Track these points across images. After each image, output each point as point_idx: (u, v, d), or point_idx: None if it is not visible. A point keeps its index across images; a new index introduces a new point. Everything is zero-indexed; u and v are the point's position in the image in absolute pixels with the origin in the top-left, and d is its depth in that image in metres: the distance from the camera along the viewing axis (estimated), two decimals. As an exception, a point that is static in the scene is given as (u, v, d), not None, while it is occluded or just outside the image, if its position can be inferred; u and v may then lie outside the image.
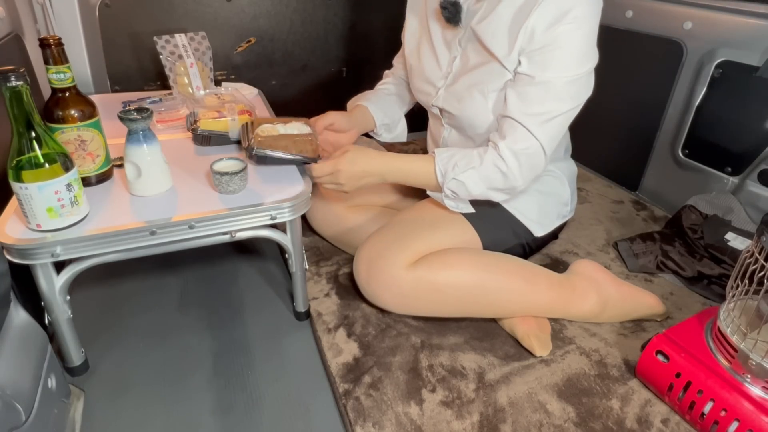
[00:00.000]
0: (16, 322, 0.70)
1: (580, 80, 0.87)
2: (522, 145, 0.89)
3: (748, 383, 0.76)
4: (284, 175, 0.96)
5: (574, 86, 0.87)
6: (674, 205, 1.42)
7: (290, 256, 0.97)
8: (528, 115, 0.88)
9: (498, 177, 0.91)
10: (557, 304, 1.00)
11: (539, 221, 1.08)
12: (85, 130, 0.86)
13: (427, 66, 1.06)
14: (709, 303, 1.12)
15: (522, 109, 0.88)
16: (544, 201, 1.09)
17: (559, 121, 0.89)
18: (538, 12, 0.84)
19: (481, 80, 0.94)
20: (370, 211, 1.20)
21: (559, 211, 1.12)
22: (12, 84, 0.68)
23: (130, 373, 0.93)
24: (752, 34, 1.24)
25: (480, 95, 0.94)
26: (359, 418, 0.82)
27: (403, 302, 0.97)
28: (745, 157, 1.29)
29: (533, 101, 0.87)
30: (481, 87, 0.94)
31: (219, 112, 1.10)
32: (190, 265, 1.21)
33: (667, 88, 1.45)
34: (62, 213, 0.76)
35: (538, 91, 0.87)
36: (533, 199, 1.07)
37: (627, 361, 0.95)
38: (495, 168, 0.90)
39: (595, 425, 0.83)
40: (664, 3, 1.43)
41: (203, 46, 1.35)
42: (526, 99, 0.88)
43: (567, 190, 1.12)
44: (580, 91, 0.89)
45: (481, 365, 0.94)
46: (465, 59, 0.98)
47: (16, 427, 0.60)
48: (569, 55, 0.85)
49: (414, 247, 0.95)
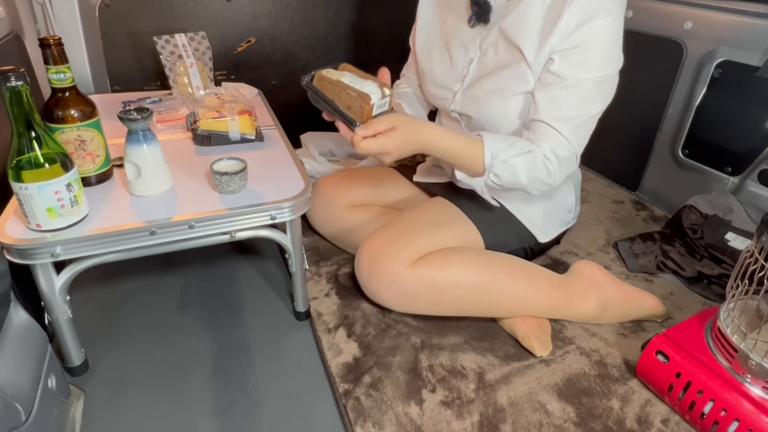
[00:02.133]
0: (16, 322, 0.70)
1: (608, 81, 0.88)
2: (563, 152, 0.89)
3: (748, 383, 0.76)
4: (284, 175, 0.96)
5: (603, 87, 0.88)
6: (674, 205, 1.42)
7: (290, 256, 0.97)
8: (561, 120, 0.88)
9: (544, 173, 0.90)
10: (558, 305, 1.00)
11: (543, 228, 1.09)
12: (85, 130, 0.86)
13: (439, 69, 1.05)
14: (709, 303, 1.12)
15: (554, 113, 0.89)
16: (550, 207, 1.09)
17: (590, 124, 0.91)
18: (570, 10, 0.84)
19: (502, 85, 0.94)
20: (370, 211, 1.20)
21: (563, 218, 1.13)
22: (12, 84, 0.68)
23: (130, 373, 0.93)
24: (752, 34, 1.24)
25: (500, 99, 0.94)
26: (359, 418, 0.82)
27: (405, 300, 0.97)
28: (745, 157, 1.29)
29: (565, 105, 0.88)
30: (501, 92, 0.94)
31: (219, 112, 1.10)
32: (190, 265, 1.21)
33: (667, 88, 1.45)
34: (62, 213, 0.76)
35: (570, 95, 0.87)
36: (539, 205, 1.07)
37: (627, 361, 0.95)
38: (544, 163, 0.90)
39: (595, 425, 0.83)
40: (664, 3, 1.43)
41: (203, 46, 1.35)
42: (558, 102, 0.88)
43: (572, 197, 1.13)
44: (607, 91, 0.90)
45: (481, 365, 0.93)
46: (484, 62, 0.98)
47: (16, 427, 0.60)
48: (601, 55, 0.86)
49: (416, 246, 0.95)
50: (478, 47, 0.99)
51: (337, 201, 1.20)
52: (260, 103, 1.38)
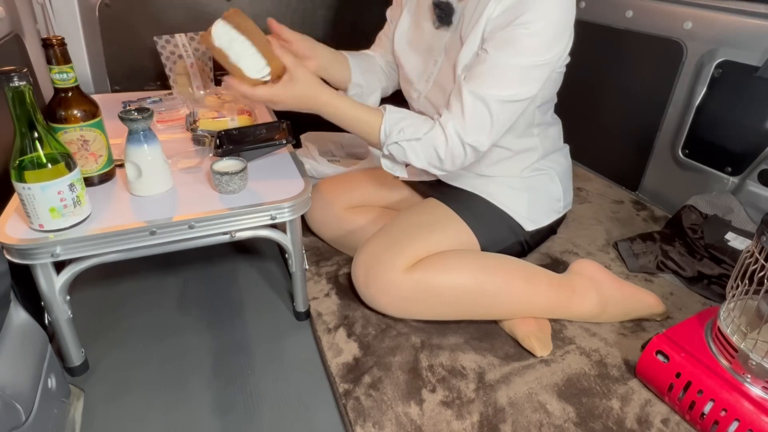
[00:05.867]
0: (16, 322, 0.70)
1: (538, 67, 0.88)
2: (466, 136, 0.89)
3: (748, 383, 0.76)
4: (284, 175, 0.97)
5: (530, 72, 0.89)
6: (674, 205, 1.42)
7: (290, 256, 0.97)
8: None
9: (435, 159, 0.92)
10: (557, 304, 1.00)
11: (529, 216, 1.08)
12: (88, 130, 0.86)
13: (409, 66, 1.05)
14: (709, 303, 1.12)
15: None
16: (534, 197, 1.08)
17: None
18: None
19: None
20: (370, 213, 1.20)
21: (551, 207, 1.12)
22: (15, 84, 0.68)
23: (130, 373, 0.93)
24: (752, 34, 1.24)
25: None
26: (359, 418, 0.82)
27: (402, 306, 0.96)
28: (745, 157, 1.29)
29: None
30: None
31: (219, 112, 1.10)
32: (190, 265, 1.22)
33: (667, 88, 1.45)
34: (65, 213, 0.76)
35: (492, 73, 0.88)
36: (522, 195, 1.07)
37: (627, 361, 0.95)
38: (435, 149, 0.90)
39: (595, 425, 0.83)
40: (664, 3, 1.43)
41: (203, 46, 1.35)
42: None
43: (558, 186, 1.11)
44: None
45: (481, 365, 0.94)
46: (447, 66, 0.97)
47: (16, 427, 0.60)
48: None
49: (411, 251, 0.95)
50: (442, 49, 0.98)
51: (337, 202, 1.20)
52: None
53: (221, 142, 0.96)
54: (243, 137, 0.98)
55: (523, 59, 0.85)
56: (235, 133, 0.99)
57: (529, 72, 0.86)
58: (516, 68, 0.85)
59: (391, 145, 0.92)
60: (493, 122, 0.88)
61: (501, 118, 0.88)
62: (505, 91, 0.86)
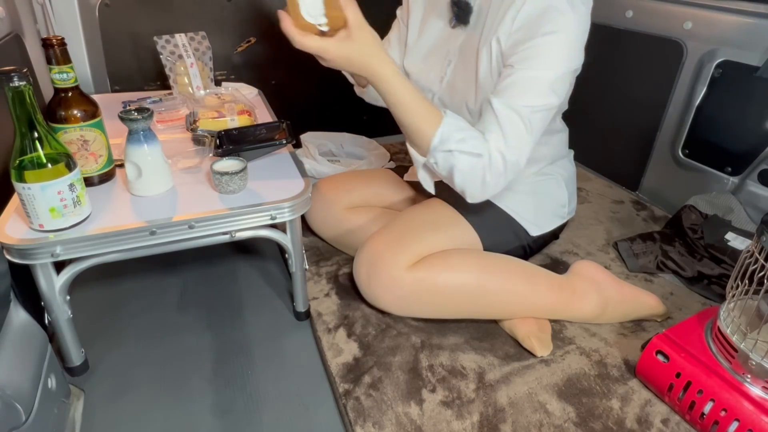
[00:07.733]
0: (16, 322, 0.70)
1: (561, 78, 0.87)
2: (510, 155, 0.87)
3: (748, 383, 0.76)
4: (284, 175, 0.97)
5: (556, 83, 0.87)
6: (674, 205, 1.42)
7: (290, 256, 0.97)
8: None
9: (479, 184, 0.87)
10: (558, 305, 1.00)
11: (535, 221, 1.08)
12: (88, 130, 0.86)
13: (420, 68, 1.05)
14: (709, 303, 1.12)
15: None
16: (540, 201, 1.08)
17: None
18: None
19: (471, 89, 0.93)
20: (370, 213, 1.20)
21: (555, 212, 1.12)
22: (15, 84, 0.68)
23: (130, 373, 0.93)
24: (752, 34, 1.24)
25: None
26: (359, 418, 0.82)
27: (404, 304, 0.96)
28: (745, 157, 1.29)
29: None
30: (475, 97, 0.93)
31: (219, 112, 1.10)
32: (190, 265, 1.22)
33: (667, 88, 1.45)
34: (65, 213, 0.76)
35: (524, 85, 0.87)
36: (529, 200, 1.07)
37: (627, 361, 0.95)
38: (484, 172, 0.85)
39: (595, 425, 0.83)
40: (664, 3, 1.43)
41: (203, 46, 1.35)
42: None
43: (564, 192, 1.11)
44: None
45: (481, 365, 0.94)
46: (462, 65, 0.97)
47: (16, 427, 0.60)
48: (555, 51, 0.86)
49: (414, 249, 0.95)
50: (457, 49, 0.98)
51: (337, 202, 1.20)
52: (260, 103, 1.38)
53: (221, 142, 0.96)
54: (243, 137, 0.98)
55: (552, 71, 0.84)
56: (235, 133, 0.99)
57: (557, 81, 0.85)
58: (545, 79, 0.84)
59: (443, 152, 0.83)
60: (529, 132, 0.85)
61: (535, 129, 0.86)
62: (537, 101, 0.84)
